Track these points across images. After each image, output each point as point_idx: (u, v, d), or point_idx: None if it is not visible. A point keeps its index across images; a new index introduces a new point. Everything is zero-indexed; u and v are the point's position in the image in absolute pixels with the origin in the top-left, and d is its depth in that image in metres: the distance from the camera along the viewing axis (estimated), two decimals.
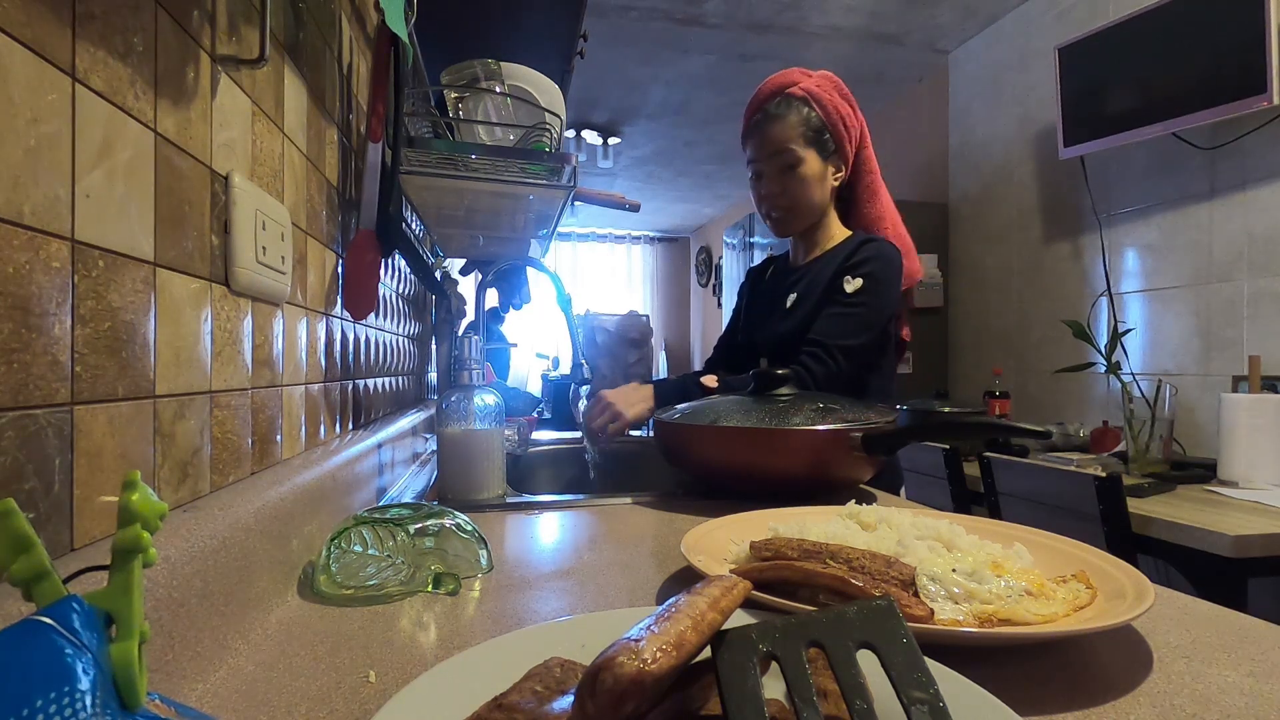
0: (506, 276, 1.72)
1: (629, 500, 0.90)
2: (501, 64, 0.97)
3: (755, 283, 1.42)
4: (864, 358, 1.14)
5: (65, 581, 0.21)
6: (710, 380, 1.15)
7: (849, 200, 1.27)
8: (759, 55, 2.95)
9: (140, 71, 0.38)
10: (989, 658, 0.41)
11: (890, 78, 3.14)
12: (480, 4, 1.17)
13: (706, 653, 0.27)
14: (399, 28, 0.76)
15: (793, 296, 1.22)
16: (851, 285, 1.13)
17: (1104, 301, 2.22)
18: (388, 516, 0.57)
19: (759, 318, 1.33)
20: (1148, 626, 0.47)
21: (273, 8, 0.57)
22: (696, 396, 1.09)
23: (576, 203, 1.14)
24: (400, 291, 1.27)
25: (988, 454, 1.73)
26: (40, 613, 0.19)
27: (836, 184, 1.22)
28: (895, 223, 1.25)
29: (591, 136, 3.93)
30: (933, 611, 0.42)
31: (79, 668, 0.19)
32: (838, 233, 1.24)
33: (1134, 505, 1.38)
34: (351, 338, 0.89)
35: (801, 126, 1.18)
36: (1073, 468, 1.51)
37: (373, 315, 1.00)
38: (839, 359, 1.09)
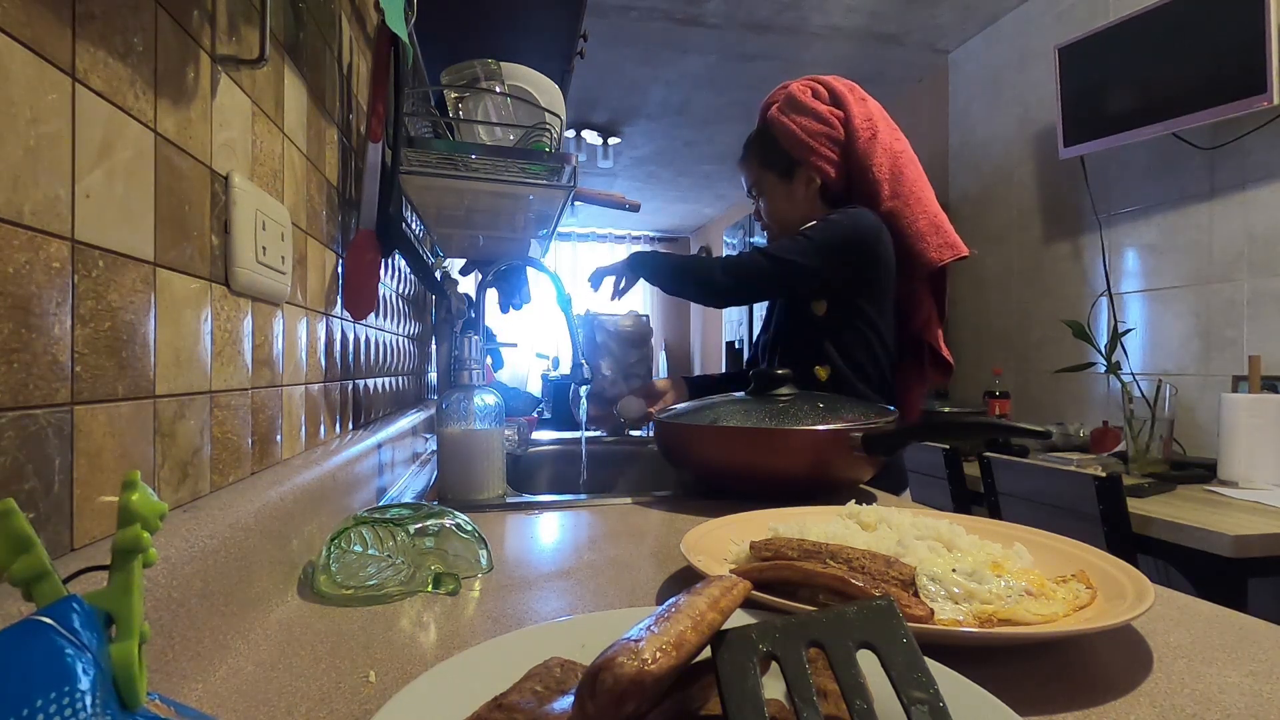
0: (506, 276, 1.71)
1: (629, 500, 0.90)
2: (501, 64, 0.97)
3: None
4: (792, 273, 1.16)
5: (65, 581, 0.21)
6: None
7: (869, 196, 1.25)
8: (759, 55, 2.95)
9: (140, 71, 0.38)
10: (989, 658, 0.41)
11: (890, 78, 3.13)
12: (480, 4, 1.17)
13: (707, 653, 0.27)
14: (399, 28, 0.76)
15: None
16: (807, 225, 1.21)
17: (1104, 301, 2.22)
18: (388, 516, 0.57)
19: None
20: (1148, 626, 0.47)
21: (273, 8, 0.57)
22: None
23: (576, 203, 1.14)
24: (400, 291, 1.27)
25: (988, 454, 1.73)
26: (40, 613, 0.19)
27: (812, 190, 1.26)
28: (933, 211, 1.29)
29: (591, 136, 3.93)
30: (933, 611, 0.42)
31: (79, 668, 0.19)
32: None
33: (1134, 505, 1.38)
34: (351, 338, 0.88)
35: (760, 154, 1.30)
36: (1073, 468, 1.51)
37: (373, 315, 1.00)
38: (762, 257, 1.17)
